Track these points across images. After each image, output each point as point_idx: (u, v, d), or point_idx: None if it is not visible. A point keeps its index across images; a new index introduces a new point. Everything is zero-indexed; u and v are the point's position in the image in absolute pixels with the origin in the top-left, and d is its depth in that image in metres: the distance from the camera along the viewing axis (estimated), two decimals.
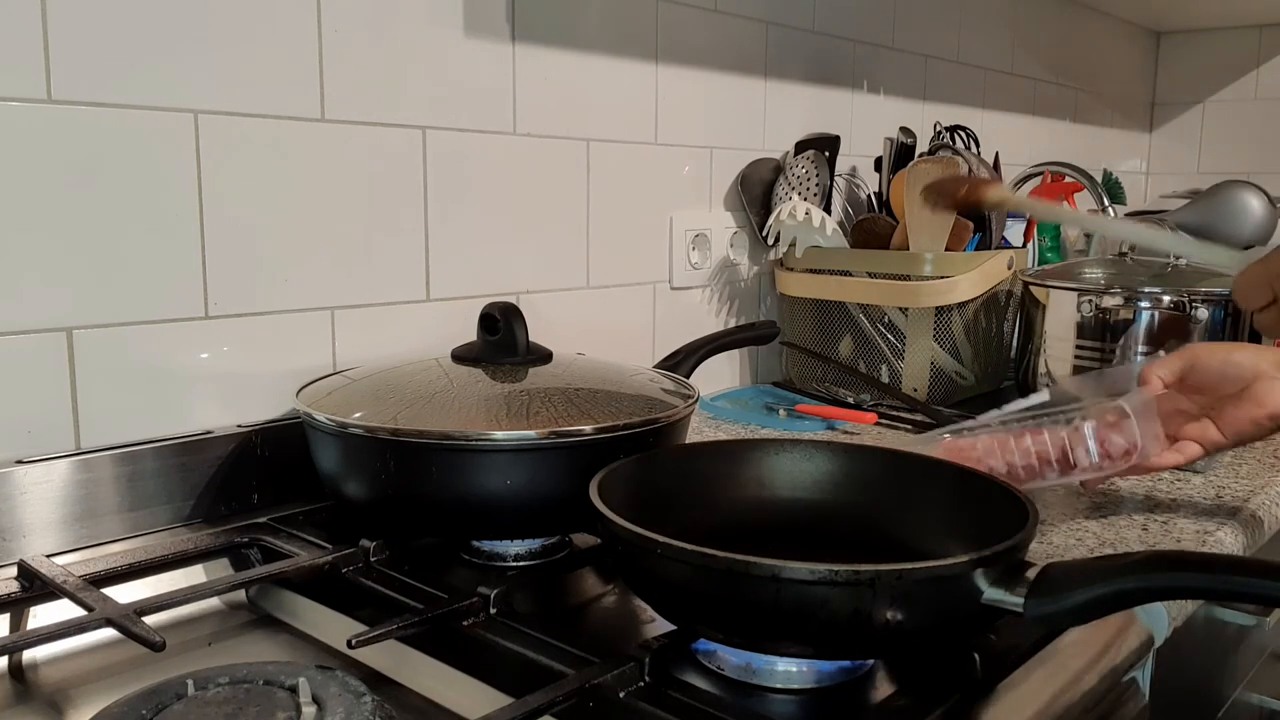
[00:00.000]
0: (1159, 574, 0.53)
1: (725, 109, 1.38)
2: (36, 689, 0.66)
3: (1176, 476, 1.04)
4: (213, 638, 0.72)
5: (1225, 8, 2.32)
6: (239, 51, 0.88)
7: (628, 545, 0.60)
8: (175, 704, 0.51)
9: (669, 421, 0.80)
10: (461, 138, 1.07)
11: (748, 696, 0.59)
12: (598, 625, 0.72)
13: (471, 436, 0.73)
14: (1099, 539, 0.86)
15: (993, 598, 0.56)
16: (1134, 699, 0.69)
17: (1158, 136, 2.66)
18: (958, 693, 0.58)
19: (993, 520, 0.62)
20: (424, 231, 1.05)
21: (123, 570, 0.75)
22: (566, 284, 1.21)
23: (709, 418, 1.26)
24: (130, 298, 0.84)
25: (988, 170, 1.45)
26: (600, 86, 1.21)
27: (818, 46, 1.52)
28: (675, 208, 1.33)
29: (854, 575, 0.53)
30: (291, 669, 0.54)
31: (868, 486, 0.75)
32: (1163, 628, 0.72)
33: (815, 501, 0.76)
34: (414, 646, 0.64)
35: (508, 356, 0.85)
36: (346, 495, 0.80)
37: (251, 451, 0.90)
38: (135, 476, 0.84)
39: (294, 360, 0.95)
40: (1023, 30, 2.05)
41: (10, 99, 0.77)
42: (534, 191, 1.15)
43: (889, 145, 1.45)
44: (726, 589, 0.55)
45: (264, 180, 0.92)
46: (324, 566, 0.74)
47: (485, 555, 0.81)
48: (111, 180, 0.82)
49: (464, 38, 1.06)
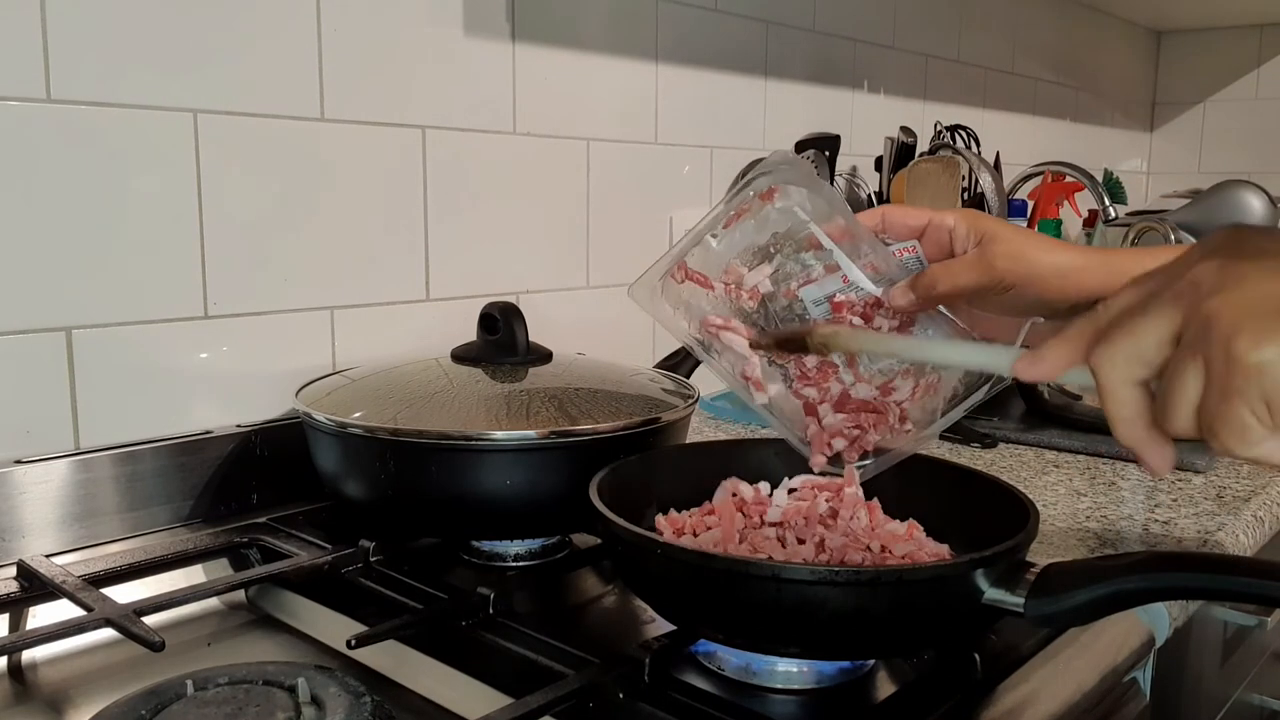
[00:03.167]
0: (1159, 574, 0.53)
1: (725, 109, 1.38)
2: (36, 689, 0.66)
3: (1177, 476, 1.04)
4: (212, 638, 0.72)
5: (1225, 8, 2.32)
6: (239, 51, 0.88)
7: (628, 545, 0.60)
8: (175, 704, 0.51)
9: (669, 421, 0.80)
10: (461, 137, 1.07)
11: (748, 697, 0.59)
12: (598, 625, 0.72)
13: (471, 436, 0.73)
14: (1099, 539, 0.85)
15: (993, 598, 0.56)
16: (1134, 699, 0.68)
17: (1158, 136, 2.66)
18: (958, 693, 0.58)
19: (993, 520, 0.62)
20: (424, 231, 1.05)
21: (122, 570, 0.74)
22: (566, 284, 1.21)
23: (709, 418, 1.26)
24: (130, 297, 0.84)
25: (989, 169, 1.45)
26: (600, 86, 1.21)
27: (818, 46, 1.52)
28: (675, 208, 1.33)
29: (854, 575, 0.53)
30: (291, 669, 0.54)
31: (867, 486, 0.75)
32: (1163, 628, 0.71)
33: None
34: (414, 646, 0.64)
35: (508, 356, 0.85)
36: (346, 495, 0.80)
37: (251, 451, 0.90)
38: (135, 476, 0.84)
39: (294, 360, 0.95)
40: (1023, 30, 2.05)
41: (10, 99, 0.77)
42: (534, 191, 1.15)
43: (889, 145, 1.45)
44: (726, 589, 0.55)
45: (264, 180, 0.91)
46: (323, 566, 0.74)
47: (485, 555, 0.81)
48: (111, 180, 0.82)
49: (464, 37, 1.05)
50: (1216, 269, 0.43)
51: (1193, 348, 0.42)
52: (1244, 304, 0.41)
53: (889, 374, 0.65)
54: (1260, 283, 0.41)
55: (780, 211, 0.66)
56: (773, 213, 0.66)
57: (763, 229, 0.66)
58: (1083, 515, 0.91)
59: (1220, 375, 0.41)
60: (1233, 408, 0.41)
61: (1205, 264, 0.43)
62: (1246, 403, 0.40)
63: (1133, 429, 0.46)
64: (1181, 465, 1.06)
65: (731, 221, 0.66)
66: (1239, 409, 0.40)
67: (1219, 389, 0.41)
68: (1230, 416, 0.41)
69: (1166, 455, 0.46)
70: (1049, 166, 1.76)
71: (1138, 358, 0.44)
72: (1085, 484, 1.01)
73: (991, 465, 1.07)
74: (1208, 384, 0.42)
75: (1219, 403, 0.41)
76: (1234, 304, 0.41)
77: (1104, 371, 0.45)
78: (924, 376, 0.65)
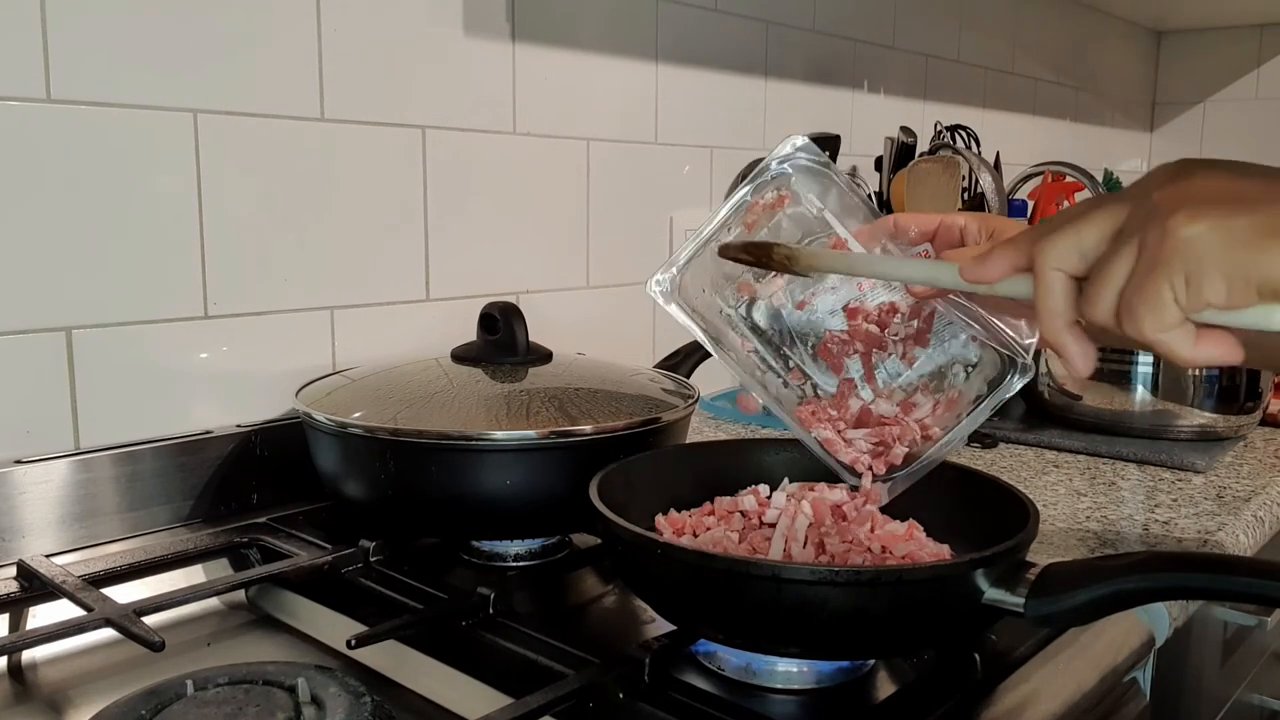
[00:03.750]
0: (1159, 574, 0.53)
1: (725, 109, 1.38)
2: (36, 689, 0.66)
3: (1177, 476, 1.04)
4: (212, 638, 0.72)
5: (1225, 8, 2.32)
6: (239, 51, 0.88)
7: (628, 545, 0.60)
8: (175, 704, 0.51)
9: (669, 421, 0.80)
10: (461, 137, 1.07)
11: (748, 697, 0.59)
12: (598, 625, 0.72)
13: (471, 436, 0.73)
14: (1099, 539, 0.85)
15: (993, 598, 0.56)
16: (1134, 699, 0.68)
17: (1158, 136, 2.66)
18: (958, 693, 0.58)
19: (993, 520, 0.62)
20: (424, 231, 1.05)
21: (122, 570, 0.74)
22: (566, 284, 1.21)
23: (709, 418, 1.26)
24: (130, 297, 0.84)
25: (989, 169, 1.45)
26: (600, 86, 1.21)
27: (818, 46, 1.52)
28: (675, 208, 1.33)
29: (854, 575, 0.53)
30: (291, 669, 0.54)
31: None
32: (1163, 628, 0.71)
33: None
34: (414, 646, 0.64)
35: (508, 356, 0.85)
36: (346, 495, 0.80)
37: (251, 451, 0.90)
38: (135, 476, 0.84)
39: (294, 360, 0.95)
40: (1023, 30, 2.05)
41: (10, 99, 0.77)
42: (534, 191, 1.15)
43: (889, 145, 1.45)
44: (727, 589, 0.55)
45: (264, 180, 0.91)
46: (323, 566, 0.74)
47: (485, 555, 0.81)
48: (111, 180, 0.82)
49: (464, 37, 1.05)
50: (1166, 173, 0.45)
51: (1129, 233, 0.44)
52: (1187, 191, 0.43)
53: (909, 390, 0.65)
54: (1206, 180, 0.44)
55: (791, 219, 0.65)
56: (784, 220, 0.65)
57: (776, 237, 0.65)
58: (1083, 515, 0.91)
59: (1151, 250, 0.43)
60: (1155, 280, 0.43)
61: (1157, 173, 0.46)
62: (1168, 276, 0.42)
63: (1056, 320, 0.48)
64: (1182, 465, 1.06)
65: (751, 227, 0.65)
66: (1160, 283, 0.42)
67: (1146, 262, 0.43)
68: (1150, 291, 0.43)
69: (1087, 352, 0.48)
70: (1049, 166, 1.76)
71: (1077, 248, 0.46)
72: (1085, 484, 1.01)
73: (991, 465, 1.07)
74: (1137, 261, 0.44)
75: (1143, 277, 0.43)
76: (1177, 191, 0.43)
77: (1040, 260, 0.47)
78: (943, 392, 0.64)
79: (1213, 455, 1.08)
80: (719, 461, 0.76)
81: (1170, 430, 1.13)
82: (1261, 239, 0.41)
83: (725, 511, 0.70)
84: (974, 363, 0.64)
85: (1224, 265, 0.41)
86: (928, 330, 0.64)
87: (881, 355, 0.64)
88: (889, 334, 0.65)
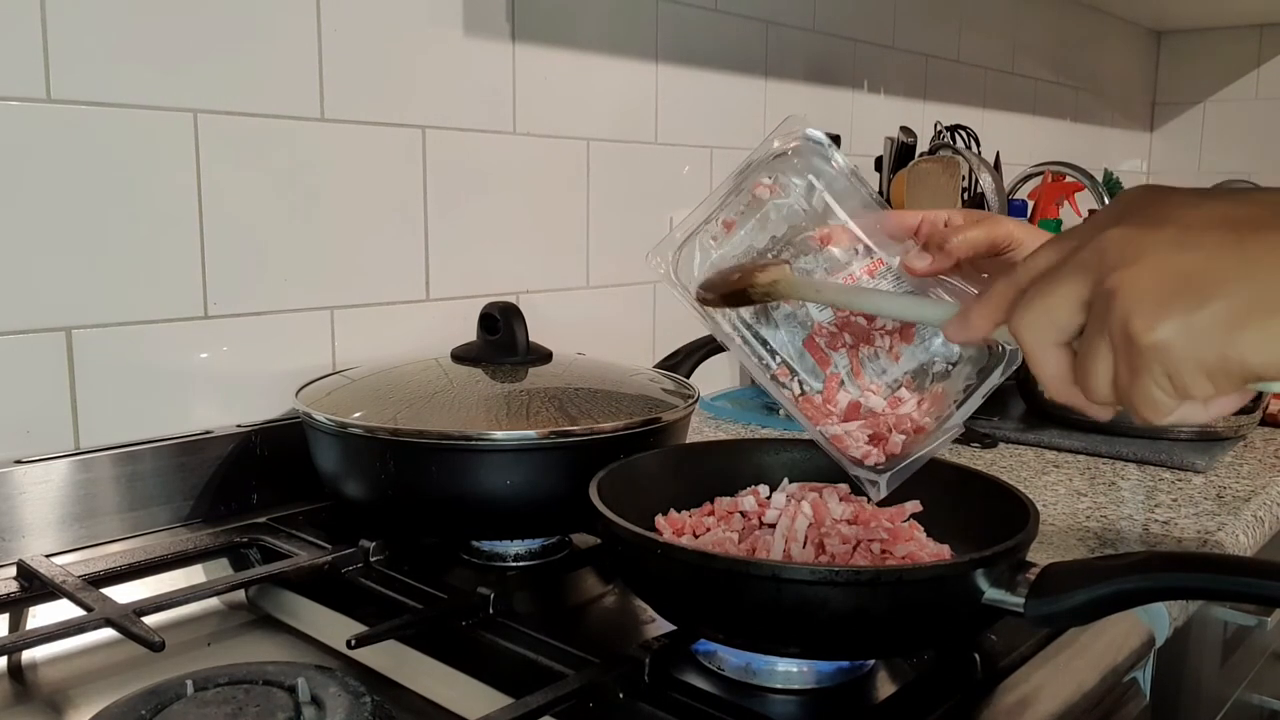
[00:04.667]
0: (1159, 574, 0.53)
1: (725, 109, 1.38)
2: (36, 689, 0.66)
3: (1177, 476, 1.04)
4: (212, 638, 0.72)
5: (1225, 8, 2.32)
6: (239, 51, 0.88)
7: (628, 545, 0.60)
8: (175, 704, 0.51)
9: (669, 421, 0.80)
10: (461, 137, 1.07)
11: (748, 696, 0.59)
12: (598, 625, 0.72)
13: (471, 436, 0.73)
14: (1099, 539, 0.85)
15: (993, 598, 0.56)
16: (1134, 699, 0.68)
17: (1158, 136, 2.66)
18: (958, 693, 0.58)
19: (993, 520, 0.62)
20: (424, 231, 1.05)
21: (122, 570, 0.74)
22: (566, 284, 1.21)
23: (709, 418, 1.26)
24: (130, 297, 0.84)
25: (989, 169, 1.45)
26: (600, 86, 1.21)
27: (818, 46, 1.52)
28: (675, 208, 1.32)
29: (854, 575, 0.53)
30: (291, 669, 0.54)
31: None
32: (1163, 628, 0.72)
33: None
34: (414, 646, 0.64)
35: (508, 356, 0.85)
36: (346, 495, 0.80)
37: (251, 451, 0.90)
38: (135, 476, 0.84)
39: (294, 360, 0.95)
40: (1023, 30, 2.05)
41: (10, 99, 0.77)
42: (534, 191, 1.15)
43: (889, 145, 1.45)
44: (726, 589, 0.55)
45: (264, 180, 0.91)
46: (324, 566, 0.74)
47: (485, 555, 0.81)
48: (111, 180, 0.82)
49: (464, 37, 1.05)
50: (1120, 239, 0.43)
51: (1100, 322, 0.43)
52: (1141, 282, 0.42)
53: (894, 386, 0.65)
54: (1160, 256, 0.42)
55: (777, 209, 0.65)
56: (772, 211, 0.65)
57: (763, 230, 0.66)
58: (1083, 515, 0.91)
59: (1124, 353, 0.42)
60: (1141, 384, 0.42)
61: (1112, 232, 0.44)
62: (1151, 378, 0.42)
63: (1061, 386, 0.47)
64: (1182, 465, 1.06)
65: (731, 225, 0.65)
66: (1146, 385, 0.42)
67: (1125, 366, 0.42)
68: (1139, 393, 0.42)
69: (1101, 408, 0.47)
70: (1049, 166, 1.76)
71: (1052, 324, 0.45)
72: (1085, 484, 1.01)
73: (991, 465, 1.07)
74: (1115, 360, 0.43)
75: (1128, 381, 0.43)
76: (1132, 281, 0.42)
77: (1023, 336, 0.47)
78: (927, 389, 0.64)
79: (1213, 455, 1.08)
80: (719, 461, 0.76)
81: (1170, 430, 1.13)
82: (1228, 331, 0.40)
83: (725, 512, 0.70)
84: (957, 359, 0.64)
85: (1201, 364, 0.41)
86: (913, 326, 0.64)
87: (869, 350, 0.64)
88: (876, 329, 0.65)
